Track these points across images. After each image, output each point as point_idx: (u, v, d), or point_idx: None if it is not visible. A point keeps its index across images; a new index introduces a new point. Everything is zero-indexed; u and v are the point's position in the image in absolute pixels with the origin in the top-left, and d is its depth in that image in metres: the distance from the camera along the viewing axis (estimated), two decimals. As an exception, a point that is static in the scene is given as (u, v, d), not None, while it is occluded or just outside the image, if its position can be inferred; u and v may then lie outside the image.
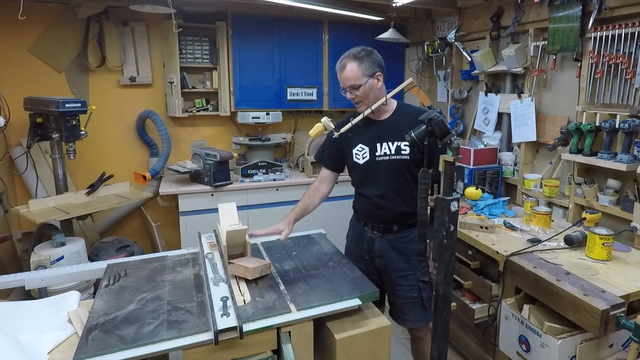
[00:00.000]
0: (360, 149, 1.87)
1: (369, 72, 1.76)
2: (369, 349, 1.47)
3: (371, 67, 1.77)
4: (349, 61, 1.77)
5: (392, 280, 1.91)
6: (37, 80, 3.13)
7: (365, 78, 1.75)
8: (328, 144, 2.01)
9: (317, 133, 1.73)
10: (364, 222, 1.96)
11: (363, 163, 1.86)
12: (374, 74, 1.77)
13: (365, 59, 1.76)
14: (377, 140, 1.83)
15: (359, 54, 1.77)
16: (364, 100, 1.79)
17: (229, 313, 1.35)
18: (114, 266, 1.76)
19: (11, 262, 2.97)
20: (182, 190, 3.13)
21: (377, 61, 1.80)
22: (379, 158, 1.83)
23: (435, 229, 1.51)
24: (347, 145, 1.91)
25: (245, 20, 3.43)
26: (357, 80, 1.75)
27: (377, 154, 1.83)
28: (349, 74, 1.76)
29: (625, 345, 1.72)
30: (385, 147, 1.82)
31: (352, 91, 1.78)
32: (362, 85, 1.75)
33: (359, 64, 1.75)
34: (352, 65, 1.75)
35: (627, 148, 2.08)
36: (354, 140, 1.88)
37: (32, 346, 1.27)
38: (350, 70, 1.75)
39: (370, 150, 1.84)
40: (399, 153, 1.80)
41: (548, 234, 2.18)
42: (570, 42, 2.32)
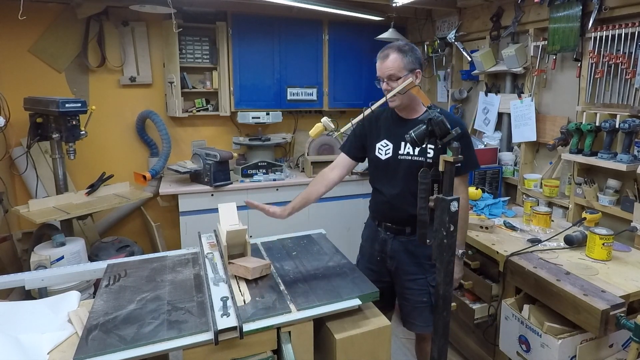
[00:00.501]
0: (385, 145, 1.84)
1: (410, 66, 1.73)
2: (369, 349, 1.47)
3: (413, 63, 1.74)
4: (392, 52, 1.73)
5: (403, 284, 1.89)
6: (37, 80, 3.13)
7: (406, 72, 1.72)
8: (354, 132, 1.94)
9: (317, 133, 1.73)
10: (377, 222, 1.93)
11: (384, 159, 1.83)
12: (413, 70, 1.74)
13: (408, 53, 1.73)
14: (402, 138, 1.79)
15: (404, 47, 1.75)
16: (398, 95, 1.74)
17: (229, 313, 1.35)
18: (114, 266, 1.76)
19: (11, 262, 2.97)
20: (182, 190, 3.13)
21: (419, 58, 1.77)
22: (400, 157, 1.80)
23: (435, 229, 1.51)
24: (371, 137, 1.88)
25: (245, 20, 3.43)
26: (398, 72, 1.72)
27: (400, 152, 1.80)
28: (391, 64, 1.72)
29: (625, 345, 1.72)
30: (409, 147, 1.79)
31: (389, 82, 1.74)
32: (401, 79, 1.71)
33: (403, 57, 1.72)
34: (395, 55, 1.72)
35: (627, 148, 2.08)
36: (380, 134, 1.85)
37: (32, 346, 1.27)
38: (392, 61, 1.72)
39: (394, 148, 1.81)
40: (423, 154, 1.76)
41: (548, 234, 2.18)
42: (570, 42, 2.33)
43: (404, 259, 1.86)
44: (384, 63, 1.74)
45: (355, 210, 3.64)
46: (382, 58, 1.76)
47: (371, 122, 1.89)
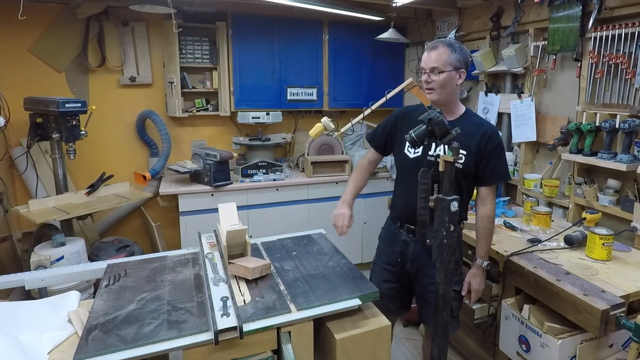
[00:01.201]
0: None
1: (455, 64, 1.68)
2: (369, 349, 1.47)
3: (459, 62, 1.69)
4: (442, 45, 1.70)
5: (424, 286, 1.85)
6: (37, 80, 3.13)
7: (450, 67, 1.68)
8: (384, 124, 1.93)
9: (317, 133, 1.74)
10: (399, 224, 1.89)
11: (413, 158, 1.78)
12: (459, 69, 1.70)
13: (458, 50, 1.70)
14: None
15: (454, 44, 1.71)
16: (437, 89, 1.70)
17: (229, 313, 1.35)
18: (114, 266, 1.76)
19: (11, 262, 2.97)
20: (182, 190, 3.13)
21: (467, 60, 1.73)
22: (429, 158, 1.75)
23: (435, 229, 1.51)
24: (401, 132, 1.82)
25: (245, 20, 3.43)
26: (442, 66, 1.67)
27: (430, 153, 1.75)
28: (437, 56, 1.68)
29: (625, 345, 1.72)
30: (440, 149, 1.73)
31: (431, 74, 1.69)
32: (444, 73, 1.67)
33: (451, 52, 1.68)
34: (444, 49, 1.68)
35: (627, 148, 2.08)
36: None
37: (32, 346, 1.27)
38: (440, 53, 1.68)
39: (425, 147, 1.74)
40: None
41: (548, 234, 2.18)
42: (570, 42, 2.32)
43: (427, 262, 1.79)
44: (431, 54, 1.70)
45: (355, 210, 3.63)
46: (430, 49, 1.71)
47: (404, 117, 1.86)
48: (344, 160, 3.57)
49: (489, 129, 1.74)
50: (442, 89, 1.69)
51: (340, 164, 3.59)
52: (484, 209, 1.78)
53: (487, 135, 1.71)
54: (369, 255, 3.81)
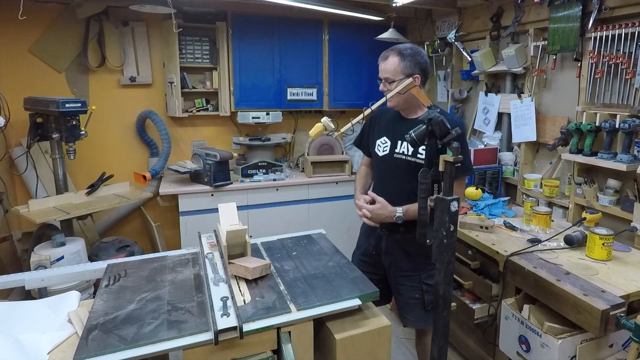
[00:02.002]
0: (384, 142, 1.89)
1: (407, 71, 1.74)
2: (369, 349, 1.46)
3: (411, 68, 1.74)
4: (392, 54, 1.75)
5: (396, 279, 1.93)
6: (37, 80, 3.13)
7: (402, 76, 1.73)
8: (363, 129, 2.02)
9: (317, 133, 1.73)
10: None
11: (382, 156, 1.88)
12: (411, 75, 1.74)
13: (408, 57, 1.74)
14: (399, 137, 1.83)
15: (405, 51, 1.75)
16: (394, 97, 1.76)
17: (229, 313, 1.35)
18: (114, 266, 1.76)
19: (11, 262, 2.97)
20: (182, 190, 3.13)
21: (421, 64, 1.77)
22: (396, 155, 1.84)
23: (435, 229, 1.51)
24: (373, 134, 1.94)
25: (245, 20, 3.43)
26: (393, 76, 1.74)
27: (396, 151, 1.84)
28: (388, 67, 1.75)
29: (625, 345, 1.72)
30: (405, 146, 1.82)
31: (385, 84, 1.78)
32: (395, 82, 1.74)
33: (401, 61, 1.73)
34: (394, 59, 1.74)
35: (627, 148, 2.08)
36: (381, 131, 1.90)
37: (32, 346, 1.27)
38: (389, 64, 1.74)
39: (392, 146, 1.85)
40: (415, 155, 1.79)
41: (548, 234, 2.18)
42: (570, 42, 2.32)
43: (398, 256, 1.90)
44: (382, 65, 1.78)
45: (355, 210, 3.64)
46: (382, 59, 1.79)
47: (376, 119, 1.95)
48: (344, 160, 3.57)
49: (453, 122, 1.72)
50: (398, 96, 1.75)
51: (340, 164, 3.59)
52: None
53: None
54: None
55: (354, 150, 3.76)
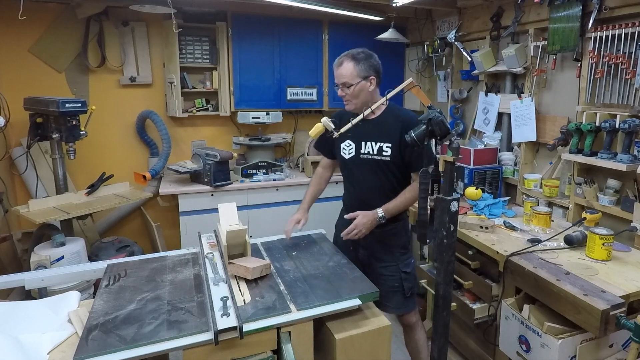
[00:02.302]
0: (348, 145, 1.98)
1: (363, 74, 1.83)
2: (369, 349, 1.47)
3: (366, 70, 1.83)
4: (346, 60, 1.84)
5: (376, 271, 2.00)
6: (37, 80, 3.13)
7: (359, 79, 1.83)
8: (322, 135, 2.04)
9: (317, 133, 1.74)
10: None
11: (348, 158, 1.98)
12: (367, 77, 1.84)
13: (362, 61, 1.83)
14: (362, 138, 1.93)
15: (358, 55, 1.84)
16: (353, 100, 1.87)
17: (229, 313, 1.35)
18: (114, 266, 1.76)
19: (11, 262, 2.97)
20: (182, 190, 3.13)
21: (374, 66, 1.86)
22: (362, 156, 1.94)
23: (435, 229, 1.51)
24: (337, 139, 2.00)
25: (245, 20, 3.43)
26: (350, 80, 1.83)
27: (362, 151, 1.94)
28: (344, 72, 1.83)
29: (625, 345, 1.72)
30: (369, 146, 1.92)
31: (343, 89, 1.86)
32: (354, 86, 1.83)
33: (355, 65, 1.82)
34: (348, 64, 1.83)
35: (627, 148, 2.08)
36: (344, 135, 1.96)
37: (32, 346, 1.27)
38: (345, 69, 1.83)
39: (356, 147, 1.95)
40: (381, 154, 1.90)
41: (548, 234, 2.18)
42: (570, 42, 2.32)
43: (377, 249, 2.00)
44: (338, 70, 1.86)
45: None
46: (336, 66, 1.87)
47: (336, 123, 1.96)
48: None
49: (407, 119, 1.87)
50: (356, 98, 1.86)
51: (340, 164, 3.59)
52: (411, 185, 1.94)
53: (405, 126, 1.80)
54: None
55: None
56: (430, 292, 2.56)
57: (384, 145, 1.89)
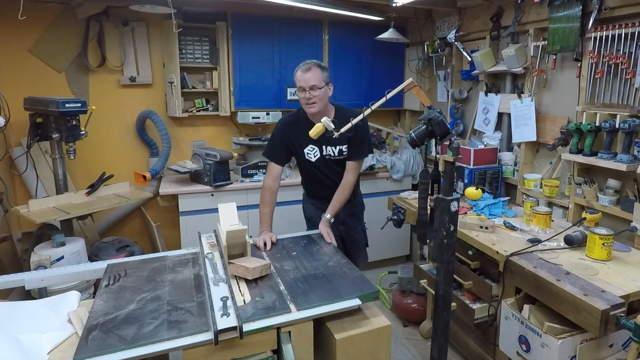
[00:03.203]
0: (312, 149, 2.23)
1: (326, 80, 2.10)
2: (369, 349, 1.47)
3: (327, 77, 2.11)
4: (313, 66, 2.07)
5: (352, 237, 2.41)
6: (37, 80, 3.13)
7: (324, 83, 2.08)
8: (277, 142, 2.28)
9: (317, 133, 1.74)
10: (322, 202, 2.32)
11: (315, 160, 2.24)
12: (328, 84, 2.11)
13: (324, 70, 2.10)
14: (324, 143, 2.18)
15: (321, 64, 2.11)
16: (318, 102, 2.08)
17: (229, 313, 1.35)
18: (114, 266, 1.76)
19: (11, 262, 2.97)
20: (182, 190, 3.13)
21: (329, 76, 2.15)
22: (326, 157, 2.23)
23: (435, 229, 1.51)
24: (296, 144, 2.25)
25: (245, 20, 3.43)
26: (319, 83, 2.05)
27: (324, 154, 2.22)
28: (314, 76, 2.05)
29: (625, 345, 1.72)
30: (330, 150, 2.20)
31: (311, 91, 2.05)
32: (321, 89, 2.06)
33: (322, 71, 2.08)
34: (317, 70, 2.07)
35: (627, 148, 2.08)
36: (305, 142, 2.20)
37: (32, 346, 1.27)
38: (314, 73, 2.05)
39: (319, 151, 2.22)
40: (341, 154, 2.21)
41: (548, 234, 2.18)
42: (570, 42, 2.32)
43: (351, 221, 2.39)
44: (307, 74, 2.05)
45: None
46: (305, 70, 2.07)
47: (290, 131, 2.23)
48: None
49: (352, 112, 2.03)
50: (322, 101, 2.09)
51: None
52: (347, 179, 2.22)
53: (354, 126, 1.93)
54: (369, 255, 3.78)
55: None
56: (430, 292, 2.56)
57: (343, 147, 2.20)
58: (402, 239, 3.91)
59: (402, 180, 3.72)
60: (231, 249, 1.70)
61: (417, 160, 3.73)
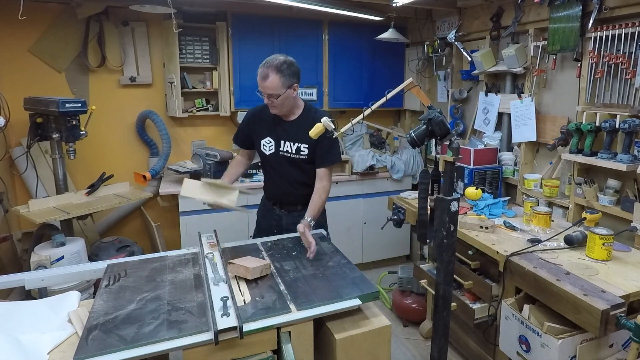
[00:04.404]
0: (268, 142, 2.12)
1: (287, 84, 1.93)
2: (369, 349, 1.47)
3: (290, 80, 1.94)
4: (271, 72, 1.90)
5: None
6: (37, 80, 3.13)
7: (284, 89, 1.93)
8: (242, 126, 2.25)
9: (317, 133, 1.73)
10: (272, 203, 2.25)
11: (269, 154, 2.13)
12: (291, 85, 1.95)
13: (286, 71, 1.91)
14: (282, 137, 2.09)
15: (281, 67, 1.90)
16: (279, 107, 1.99)
17: (229, 313, 1.35)
18: (114, 266, 1.76)
19: (11, 262, 2.97)
20: (182, 190, 3.13)
21: (296, 73, 1.97)
22: (281, 153, 2.10)
23: (435, 229, 1.51)
24: (256, 134, 2.16)
25: (245, 20, 3.43)
26: (276, 91, 1.92)
27: (281, 149, 2.10)
28: (270, 85, 1.91)
29: (625, 345, 1.72)
30: (288, 145, 2.08)
31: (270, 98, 1.95)
32: (280, 95, 1.93)
33: (281, 77, 1.90)
34: (273, 77, 1.90)
35: (627, 148, 2.08)
36: (264, 132, 2.12)
37: (32, 346, 1.27)
38: (271, 82, 1.90)
39: (276, 145, 2.10)
40: (298, 153, 2.08)
41: (548, 234, 2.18)
42: (570, 42, 2.32)
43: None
44: (264, 83, 1.92)
45: (355, 210, 3.64)
46: (262, 77, 1.92)
47: (255, 120, 2.16)
48: (344, 160, 3.57)
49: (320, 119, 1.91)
50: (283, 105, 2.00)
51: (340, 164, 3.59)
52: (320, 185, 2.08)
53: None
54: (369, 255, 3.82)
55: (354, 150, 3.77)
56: (430, 292, 2.56)
57: (301, 146, 2.06)
58: (402, 239, 3.91)
59: (402, 180, 3.72)
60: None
61: (417, 160, 3.73)
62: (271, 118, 2.09)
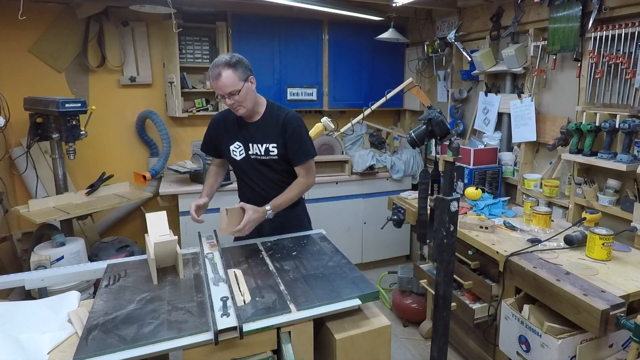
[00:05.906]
0: (237, 147, 2.03)
1: (243, 76, 1.84)
2: (369, 349, 1.47)
3: (244, 72, 1.85)
4: (224, 69, 1.80)
5: None
6: (37, 80, 3.13)
7: (242, 82, 1.84)
8: (207, 135, 2.15)
9: (317, 133, 1.74)
10: None
11: (240, 159, 2.04)
12: (247, 78, 1.87)
13: (237, 65, 1.83)
14: (249, 140, 2.00)
15: (231, 61, 1.82)
16: (243, 104, 1.88)
17: (229, 313, 1.35)
18: (114, 266, 1.76)
19: (11, 262, 2.97)
20: (182, 190, 3.13)
21: (247, 66, 1.89)
22: (252, 157, 2.02)
23: (435, 229, 1.51)
24: (223, 141, 2.07)
25: (245, 20, 3.43)
26: (235, 86, 1.82)
27: (250, 153, 2.01)
28: (227, 81, 1.81)
29: (625, 345, 1.72)
30: (256, 148, 1.99)
31: (231, 97, 1.84)
32: (241, 90, 1.83)
33: (234, 71, 1.81)
34: (227, 72, 1.80)
35: (627, 148, 2.08)
36: (231, 138, 2.03)
37: (32, 346, 1.27)
38: (226, 78, 1.80)
39: (245, 149, 2.02)
40: (268, 154, 1.99)
41: (548, 234, 2.18)
42: (570, 42, 2.33)
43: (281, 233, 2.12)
44: (219, 82, 1.81)
45: (355, 210, 3.64)
46: (215, 78, 1.82)
47: (219, 126, 2.07)
48: (344, 160, 3.57)
49: (285, 115, 1.93)
50: (246, 102, 1.88)
51: (340, 164, 3.59)
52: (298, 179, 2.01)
53: (284, 122, 1.92)
54: (369, 255, 3.82)
55: (354, 150, 3.77)
56: (430, 292, 2.56)
57: (270, 146, 1.97)
58: (402, 239, 3.91)
59: (402, 180, 3.72)
60: (161, 262, 1.65)
61: (417, 160, 3.74)
62: (235, 122, 2.01)
